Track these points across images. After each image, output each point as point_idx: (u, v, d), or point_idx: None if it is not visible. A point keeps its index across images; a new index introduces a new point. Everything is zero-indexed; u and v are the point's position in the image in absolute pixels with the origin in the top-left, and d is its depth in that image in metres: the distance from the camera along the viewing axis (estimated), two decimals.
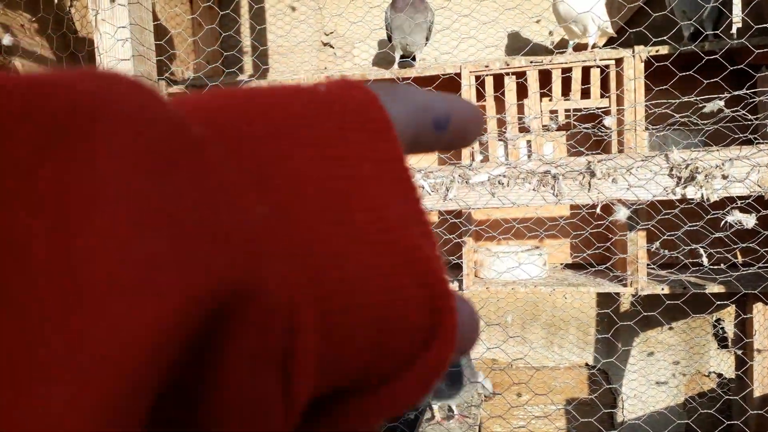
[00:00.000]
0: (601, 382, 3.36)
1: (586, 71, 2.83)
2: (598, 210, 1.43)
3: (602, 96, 2.83)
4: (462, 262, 2.85)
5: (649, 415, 3.31)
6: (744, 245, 1.58)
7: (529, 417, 3.42)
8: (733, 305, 3.17)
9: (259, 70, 3.60)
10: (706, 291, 2.54)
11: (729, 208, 1.31)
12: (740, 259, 2.90)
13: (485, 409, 3.30)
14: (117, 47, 1.63)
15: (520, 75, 2.88)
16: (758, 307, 2.98)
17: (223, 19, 3.39)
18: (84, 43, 2.42)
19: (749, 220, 1.31)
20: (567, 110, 2.87)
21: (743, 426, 2.30)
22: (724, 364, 3.26)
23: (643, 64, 2.63)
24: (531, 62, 2.82)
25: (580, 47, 2.87)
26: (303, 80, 2.92)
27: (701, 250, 1.32)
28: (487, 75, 2.89)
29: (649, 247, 1.70)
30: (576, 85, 2.81)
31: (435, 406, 2.47)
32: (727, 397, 3.13)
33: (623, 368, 3.33)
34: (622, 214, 1.47)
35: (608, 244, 2.75)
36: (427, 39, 3.08)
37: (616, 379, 3.34)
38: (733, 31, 2.48)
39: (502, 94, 2.87)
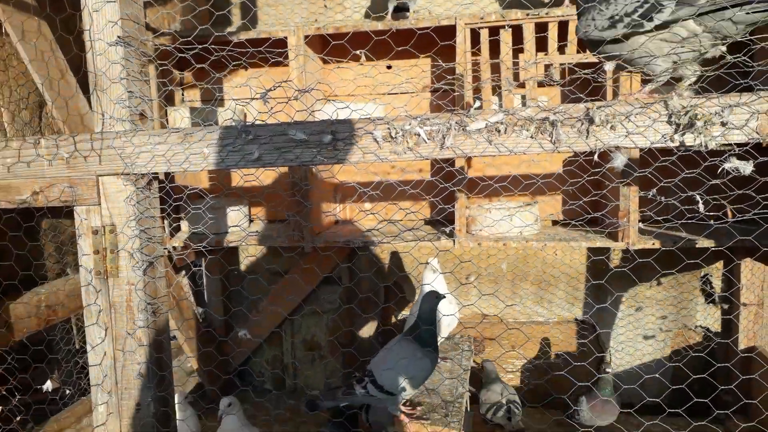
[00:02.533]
0: (589, 335, 3.41)
1: None
2: (595, 157, 1.42)
3: None
4: (454, 215, 2.85)
5: (636, 366, 3.38)
6: (740, 192, 1.58)
7: (519, 369, 3.47)
8: (722, 261, 3.21)
9: (248, 18, 3.52)
10: (696, 245, 2.56)
11: (726, 155, 1.30)
12: (730, 211, 2.91)
13: (474, 359, 3.35)
14: None
15: (516, 27, 2.83)
16: (746, 262, 3.02)
17: None
18: None
19: (747, 167, 1.30)
20: (562, 64, 2.84)
21: (731, 367, 2.34)
22: (710, 318, 3.31)
23: None
24: (527, 14, 2.77)
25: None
26: (293, 31, 2.85)
27: (697, 197, 1.32)
28: (482, 27, 2.84)
29: (646, 194, 1.70)
30: (572, 38, 2.77)
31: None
32: (714, 350, 3.20)
33: (612, 322, 3.38)
34: (619, 161, 1.45)
35: (603, 191, 2.76)
36: None
37: (605, 332, 3.40)
38: None
39: (499, 44, 2.82)
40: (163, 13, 3.20)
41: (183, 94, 3.54)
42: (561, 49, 2.80)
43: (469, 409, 2.62)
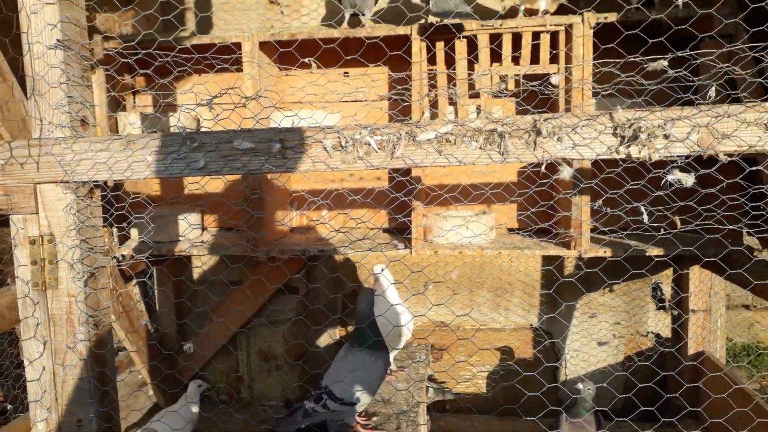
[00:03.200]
0: (545, 342, 3.45)
1: (536, 36, 2.82)
2: (542, 169, 1.42)
3: (552, 62, 2.84)
4: (411, 224, 2.85)
5: (590, 372, 3.43)
6: (683, 203, 1.62)
7: (475, 374, 3.49)
8: (671, 268, 3.28)
9: (202, 27, 3.46)
10: (646, 253, 2.62)
11: (669, 167, 1.33)
12: (678, 221, 2.99)
13: (432, 368, 3.35)
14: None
15: (471, 39, 2.85)
16: (694, 270, 3.10)
17: None
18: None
19: (688, 179, 1.33)
20: (516, 75, 2.87)
21: (677, 377, 2.39)
22: (661, 324, 3.39)
23: (592, 30, 2.64)
24: (482, 25, 2.79)
25: (530, 13, 2.86)
26: (247, 36, 2.82)
27: (642, 208, 1.34)
28: (437, 39, 2.84)
29: (592, 205, 1.72)
30: (526, 50, 2.80)
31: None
32: (665, 355, 3.27)
33: (567, 329, 3.43)
34: (566, 172, 1.47)
35: (551, 202, 2.79)
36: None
37: (560, 339, 3.44)
38: (679, 2, 2.51)
39: (454, 54, 2.84)
40: (114, 17, 3.12)
41: (134, 100, 3.46)
42: (515, 60, 2.83)
43: (427, 420, 2.60)
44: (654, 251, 2.60)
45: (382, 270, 2.59)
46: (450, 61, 2.88)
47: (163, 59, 1.92)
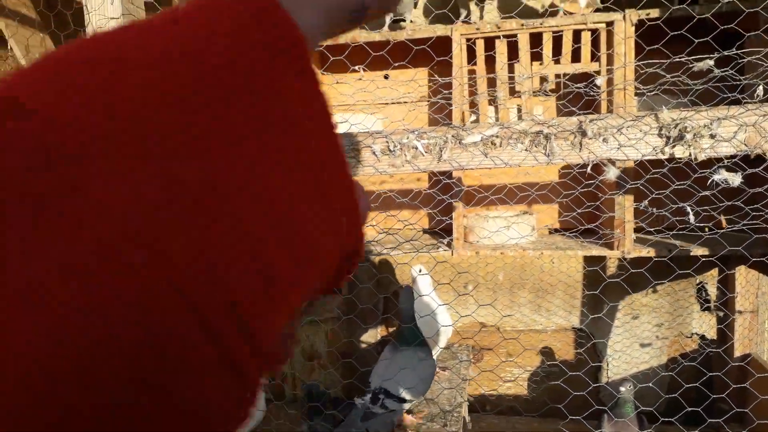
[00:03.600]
0: (587, 343, 3.44)
1: (576, 35, 2.83)
2: (588, 169, 1.45)
3: (593, 59, 2.84)
4: (452, 225, 2.88)
5: (633, 374, 3.40)
6: (729, 203, 1.62)
7: (518, 378, 3.50)
8: (717, 268, 3.24)
9: None
10: (691, 253, 2.60)
11: (716, 167, 1.34)
12: (724, 220, 2.95)
13: (473, 369, 3.37)
14: (106, 5, 1.60)
15: (511, 37, 2.87)
16: (740, 270, 3.05)
17: None
18: (71, 1, 2.36)
19: (735, 179, 1.33)
20: (557, 74, 2.88)
21: (724, 377, 2.37)
22: (706, 325, 3.34)
23: (633, 27, 2.63)
24: (522, 25, 2.81)
25: (570, 13, 2.86)
26: None
27: (688, 208, 1.35)
28: (478, 38, 2.88)
29: (638, 206, 1.73)
30: (567, 48, 2.81)
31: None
32: (710, 357, 3.23)
33: (609, 330, 3.41)
34: (612, 173, 1.49)
35: (598, 203, 2.79)
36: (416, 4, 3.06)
37: (602, 340, 3.42)
38: None
39: (494, 54, 2.87)
40: None
41: None
42: (556, 59, 2.84)
43: (468, 419, 2.63)
44: (699, 251, 2.58)
45: (420, 271, 2.64)
46: (490, 61, 2.90)
47: None
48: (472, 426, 3.21)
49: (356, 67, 2.62)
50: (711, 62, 1.43)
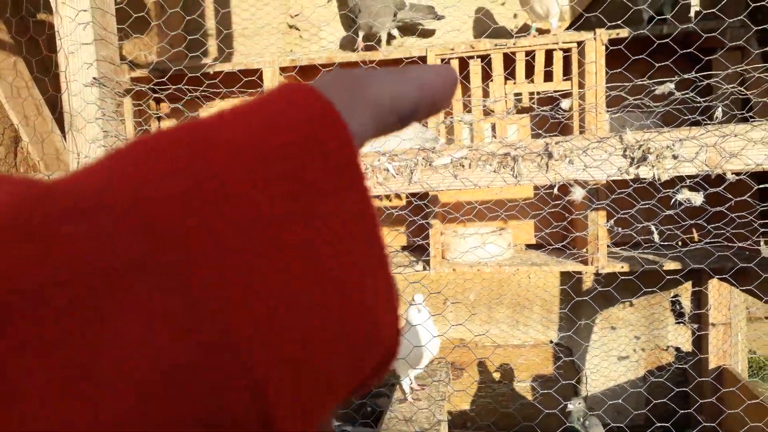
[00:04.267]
0: (564, 358, 3.46)
1: (548, 55, 2.88)
2: (555, 190, 1.48)
3: (565, 79, 2.90)
4: (428, 244, 2.90)
5: (610, 388, 3.43)
6: (693, 222, 1.65)
7: (495, 394, 3.51)
8: (690, 282, 3.29)
9: (224, 53, 3.57)
10: (663, 267, 2.64)
11: (678, 186, 1.37)
12: (696, 237, 3.00)
13: (453, 386, 3.37)
14: (78, 31, 1.61)
15: (485, 58, 2.92)
16: (713, 283, 3.10)
17: (187, 2, 3.35)
18: (44, 27, 2.36)
19: (697, 198, 1.37)
20: (531, 93, 2.93)
21: (696, 393, 2.40)
22: (681, 338, 3.39)
23: (604, 47, 2.69)
24: (495, 45, 2.86)
25: (542, 32, 2.92)
26: (268, 63, 2.91)
27: (652, 227, 1.38)
28: (452, 57, 2.92)
29: (605, 225, 1.76)
30: (539, 68, 2.86)
31: (405, 386, 2.50)
32: (686, 369, 3.27)
33: (586, 344, 3.44)
34: (578, 194, 1.52)
35: (565, 223, 2.82)
36: (395, 21, 3.10)
37: (580, 355, 3.45)
38: (692, 14, 2.55)
39: (468, 76, 2.91)
40: (140, 45, 3.24)
41: (159, 126, 3.57)
42: (530, 80, 2.89)
43: None
44: (671, 265, 2.62)
45: (417, 299, 2.53)
46: (464, 82, 2.95)
47: (192, 93, 2.01)
48: None
49: None
50: (671, 85, 1.47)
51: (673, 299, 3.38)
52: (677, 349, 3.40)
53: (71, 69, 1.61)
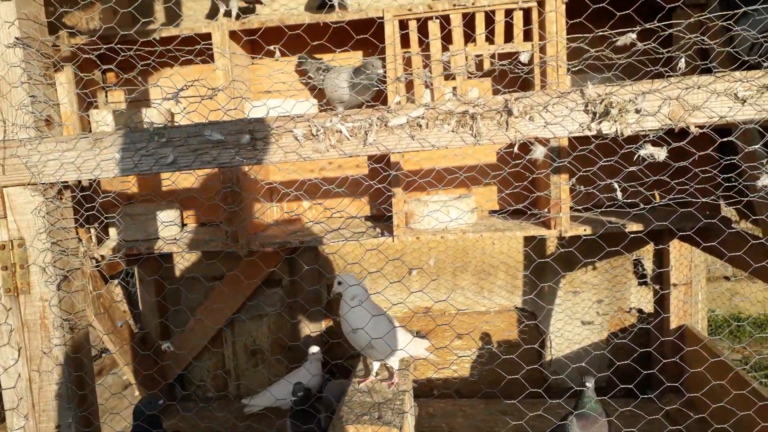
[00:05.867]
0: (529, 323, 3.47)
1: (508, 14, 2.81)
2: (515, 149, 1.42)
3: (525, 41, 2.83)
4: (392, 212, 2.83)
5: (575, 351, 3.45)
6: (657, 178, 1.62)
7: (463, 361, 3.50)
8: (652, 243, 3.31)
9: (172, 18, 3.39)
10: (626, 229, 2.63)
11: (641, 142, 1.32)
12: (657, 195, 3.00)
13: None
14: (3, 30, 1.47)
15: (444, 18, 2.83)
16: (674, 243, 3.12)
17: None
18: None
19: (661, 153, 1.32)
20: (491, 53, 2.85)
21: (659, 352, 2.41)
22: (644, 299, 3.41)
23: (564, 5, 2.63)
24: (455, 5, 2.77)
25: None
26: (218, 26, 2.77)
27: (615, 185, 1.34)
28: (410, 19, 2.82)
29: (567, 183, 1.72)
30: (499, 28, 2.78)
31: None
32: (648, 330, 3.31)
33: (551, 308, 3.44)
34: (539, 152, 1.46)
35: (526, 182, 2.78)
36: None
37: (544, 319, 3.45)
38: None
39: (427, 37, 2.82)
40: (82, 13, 3.05)
41: (106, 97, 3.39)
42: (489, 40, 2.82)
43: (414, 406, 2.60)
44: (633, 227, 2.61)
45: (340, 283, 2.27)
46: (424, 44, 2.85)
47: (125, 53, 1.88)
48: (419, 411, 3.19)
49: (272, 47, 2.52)
50: (633, 36, 1.41)
51: (636, 260, 3.39)
52: (640, 311, 3.43)
53: None
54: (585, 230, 2.67)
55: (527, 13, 2.76)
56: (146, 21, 3.36)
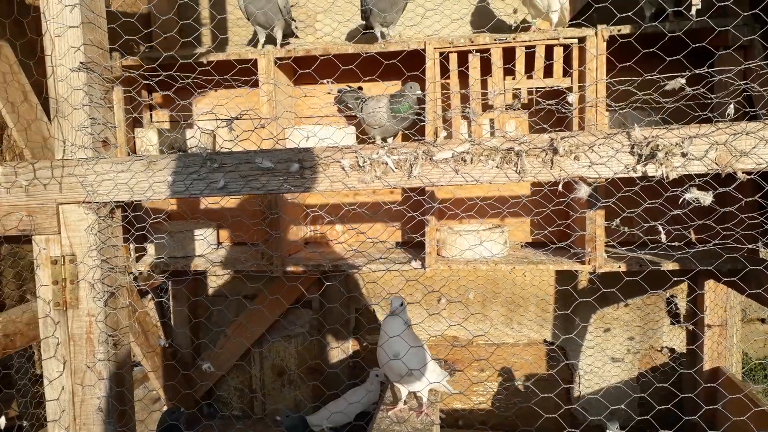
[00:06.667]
0: (559, 358, 3.43)
1: (549, 50, 2.83)
2: (560, 187, 1.43)
3: (565, 75, 2.85)
4: (425, 240, 2.85)
5: (605, 389, 3.40)
6: (701, 222, 1.61)
7: (490, 393, 3.47)
8: (686, 282, 3.26)
9: (217, 39, 3.49)
10: (662, 268, 2.60)
11: (687, 185, 1.33)
12: (694, 237, 2.97)
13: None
14: (65, 13, 1.54)
15: (484, 52, 2.87)
16: (710, 284, 3.07)
17: None
18: (29, 9, 2.28)
19: (706, 198, 1.32)
20: (530, 88, 2.88)
21: (695, 398, 2.37)
22: (676, 339, 3.36)
23: (605, 42, 2.65)
24: (495, 39, 2.81)
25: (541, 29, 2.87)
26: (264, 53, 2.84)
27: (660, 227, 1.34)
28: (451, 51, 2.86)
29: (609, 224, 1.72)
30: (539, 63, 2.81)
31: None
32: (680, 371, 3.24)
33: (581, 344, 3.40)
34: (583, 191, 1.47)
35: (569, 221, 2.78)
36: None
37: (574, 355, 3.41)
38: (693, 12, 2.51)
39: (467, 69, 2.85)
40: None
41: (152, 116, 3.49)
42: (529, 75, 2.84)
43: None
44: (669, 265, 2.59)
45: (401, 304, 2.25)
46: (463, 76, 2.89)
47: (183, 80, 1.95)
48: None
49: (325, 81, 2.58)
50: (682, 80, 1.42)
51: (669, 300, 3.35)
52: (672, 350, 3.37)
53: (57, 53, 1.54)
54: (619, 267, 2.65)
55: (568, 50, 2.78)
56: (191, 43, 3.47)
